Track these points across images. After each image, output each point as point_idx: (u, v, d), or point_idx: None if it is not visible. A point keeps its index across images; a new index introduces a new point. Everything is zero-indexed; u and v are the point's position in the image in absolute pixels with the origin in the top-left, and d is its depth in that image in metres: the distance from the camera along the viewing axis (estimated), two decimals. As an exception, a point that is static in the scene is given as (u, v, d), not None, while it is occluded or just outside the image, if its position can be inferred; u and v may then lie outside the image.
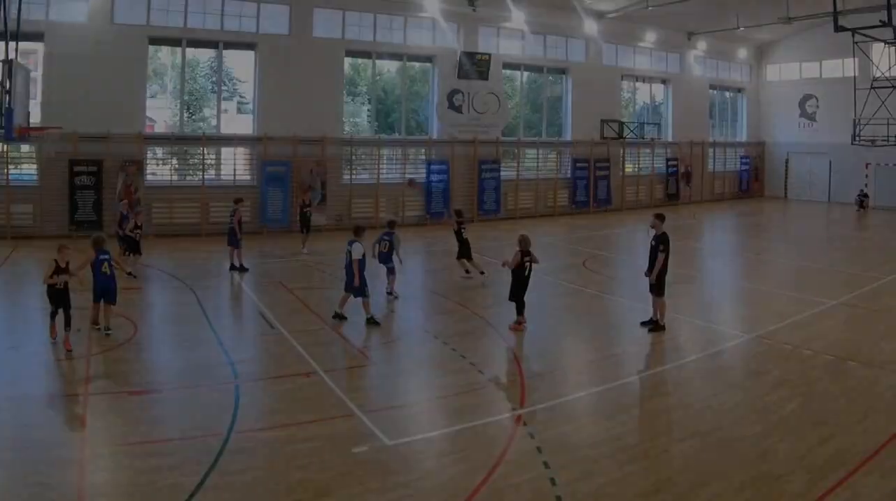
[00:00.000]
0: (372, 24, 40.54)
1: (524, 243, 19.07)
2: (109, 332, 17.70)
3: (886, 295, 23.98)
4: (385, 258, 22.51)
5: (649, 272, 18.94)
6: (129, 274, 23.79)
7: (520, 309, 19.27)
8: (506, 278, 19.96)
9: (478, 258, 26.15)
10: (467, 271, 25.53)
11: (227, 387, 14.47)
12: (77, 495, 10.13)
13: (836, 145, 53.39)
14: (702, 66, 56.40)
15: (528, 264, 19.05)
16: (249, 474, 10.83)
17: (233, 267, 26.35)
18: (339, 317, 19.65)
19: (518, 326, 19.15)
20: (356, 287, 19.28)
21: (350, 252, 19.29)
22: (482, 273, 25.01)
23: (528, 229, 26.52)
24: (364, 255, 19.49)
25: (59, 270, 16.54)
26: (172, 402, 14.01)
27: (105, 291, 17.78)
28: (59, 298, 16.65)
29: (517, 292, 19.19)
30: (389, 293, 22.49)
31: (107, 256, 17.94)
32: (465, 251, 25.75)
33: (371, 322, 19.36)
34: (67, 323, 16.68)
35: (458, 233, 26.09)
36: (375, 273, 22.20)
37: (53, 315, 16.72)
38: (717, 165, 57.61)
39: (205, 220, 35.00)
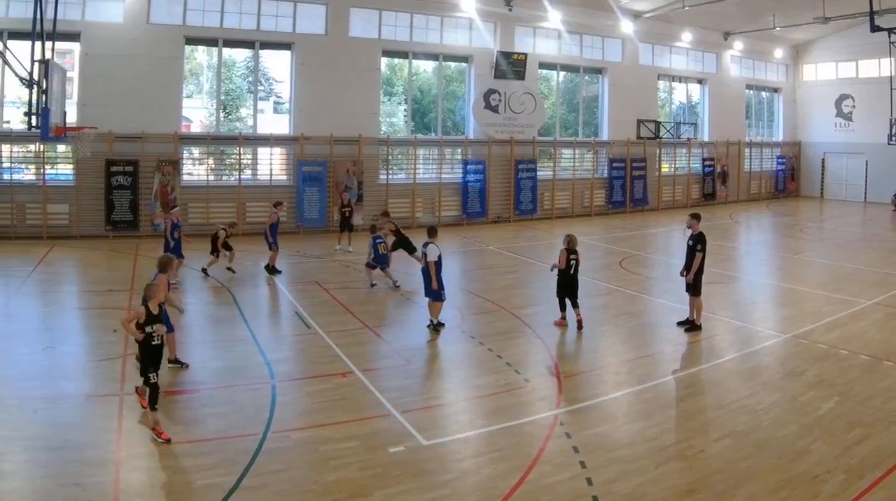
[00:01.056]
0: (408, 23, 39.60)
1: (570, 242, 19.04)
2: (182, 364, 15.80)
3: (923, 296, 23.38)
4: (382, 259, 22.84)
5: (686, 271, 18.70)
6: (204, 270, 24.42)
7: (563, 306, 19.16)
8: (545, 278, 20.42)
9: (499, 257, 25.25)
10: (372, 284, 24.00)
11: (263, 387, 14.27)
12: (113, 495, 10.00)
13: (873, 145, 51.88)
14: (738, 66, 54.82)
15: (573, 262, 18.93)
16: (286, 474, 10.72)
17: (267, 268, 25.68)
18: (437, 327, 18.74)
19: (562, 321, 19.14)
20: (433, 290, 18.58)
21: (425, 254, 18.70)
22: (396, 286, 23.78)
23: (564, 229, 27.47)
24: (440, 257, 18.84)
25: (151, 317, 12.16)
26: (209, 402, 13.67)
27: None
28: (155, 355, 12.23)
29: (561, 290, 19.06)
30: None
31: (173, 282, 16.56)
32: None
33: (436, 327, 18.70)
34: (156, 399, 12.18)
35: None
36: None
37: (149, 377, 12.00)
38: (753, 165, 56.00)
39: (241, 220, 33.81)
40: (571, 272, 18.93)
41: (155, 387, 11.96)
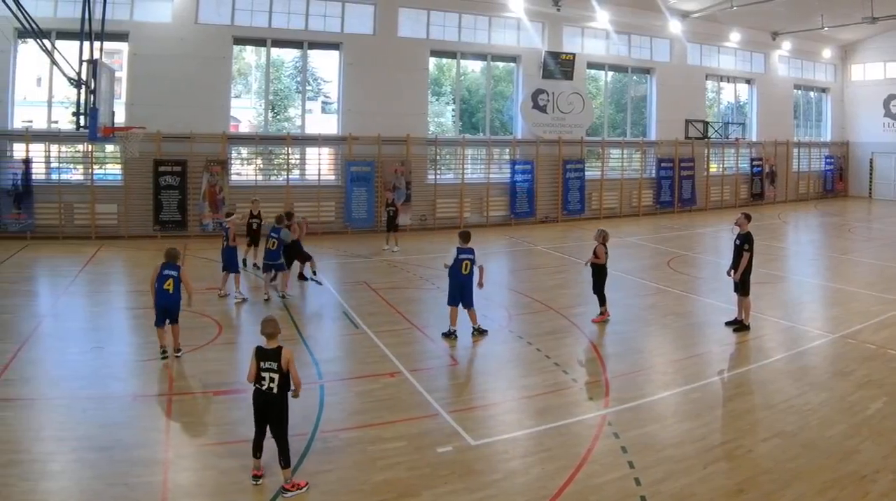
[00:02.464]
0: (457, 23, 38.33)
1: (604, 236, 19.07)
2: (179, 354, 15.48)
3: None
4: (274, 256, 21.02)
5: (734, 271, 18.11)
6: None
7: (602, 300, 19.03)
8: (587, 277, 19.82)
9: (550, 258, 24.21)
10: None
11: (311, 387, 13.43)
12: (161, 495, 9.76)
13: (922, 145, 49.92)
14: (786, 66, 52.74)
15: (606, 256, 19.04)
16: (334, 474, 10.47)
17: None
18: (480, 332, 17.72)
19: (601, 317, 18.96)
20: (472, 295, 17.63)
21: (473, 260, 17.50)
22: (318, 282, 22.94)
23: (612, 229, 24.98)
24: (454, 261, 17.73)
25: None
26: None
27: (162, 311, 15.13)
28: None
29: (600, 285, 18.97)
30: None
31: (174, 273, 15.15)
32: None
33: (482, 330, 17.78)
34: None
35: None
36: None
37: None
38: (801, 165, 53.98)
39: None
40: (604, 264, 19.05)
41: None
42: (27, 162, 29.84)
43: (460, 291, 17.46)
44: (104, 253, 28.01)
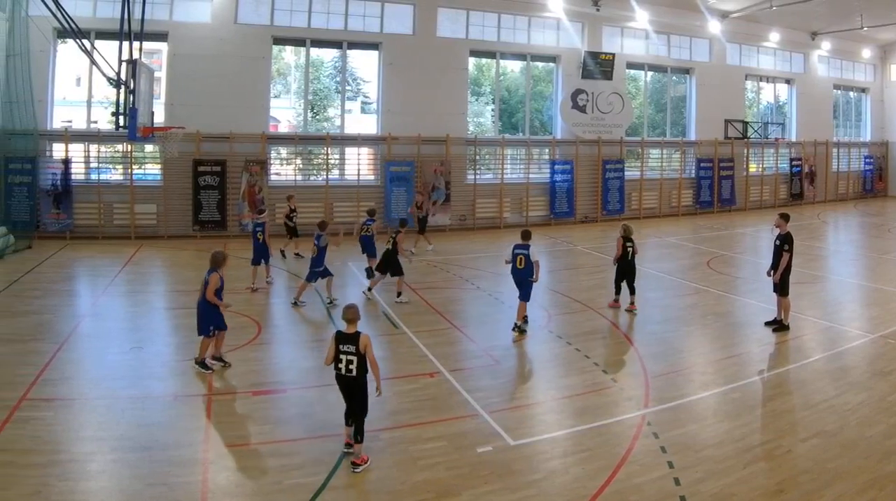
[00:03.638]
0: (496, 23, 37.08)
1: (626, 230, 19.55)
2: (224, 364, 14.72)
3: None
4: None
5: (773, 271, 17.72)
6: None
7: (618, 290, 19.70)
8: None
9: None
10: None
11: None
12: (200, 495, 9.55)
13: (962, 145, 47.84)
14: (826, 66, 50.86)
15: (629, 249, 19.36)
16: (374, 474, 10.28)
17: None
18: (521, 330, 17.52)
19: (631, 306, 19.35)
20: (529, 289, 17.56)
21: (527, 256, 17.34)
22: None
23: (651, 229, 29.74)
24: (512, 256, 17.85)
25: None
26: (296, 402, 13.07)
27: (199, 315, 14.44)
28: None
29: (619, 276, 19.57)
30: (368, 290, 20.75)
31: (206, 276, 14.41)
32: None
33: (522, 329, 17.52)
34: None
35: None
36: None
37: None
38: (840, 165, 52.10)
39: (329, 220, 31.44)
40: (629, 258, 19.37)
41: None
42: (66, 162, 29.20)
43: (518, 285, 17.55)
44: (143, 253, 27.46)
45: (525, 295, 17.40)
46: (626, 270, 19.45)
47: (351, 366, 10.48)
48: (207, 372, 14.02)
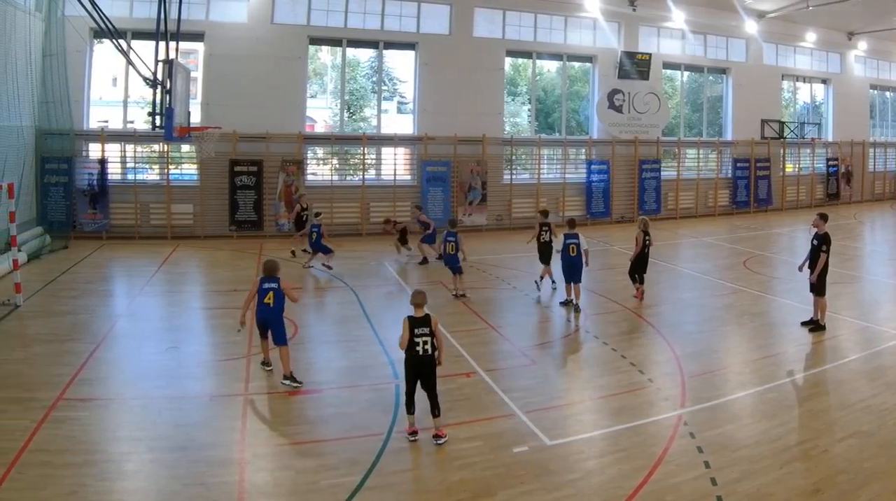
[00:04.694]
0: (532, 23, 35.86)
1: (646, 224, 19.83)
2: (270, 368, 14.07)
3: None
4: (451, 259, 20.49)
5: (810, 270, 17.21)
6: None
7: (642, 279, 19.92)
8: (668, 277, 21.64)
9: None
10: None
11: (387, 387, 13.31)
12: (237, 495, 9.36)
13: None
14: (862, 66, 48.95)
15: (648, 242, 19.70)
16: (410, 474, 10.18)
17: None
18: (577, 309, 18.85)
19: (638, 294, 19.88)
20: (581, 273, 18.93)
21: (578, 244, 18.71)
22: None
23: (688, 229, 29.26)
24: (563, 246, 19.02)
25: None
26: (333, 402, 12.71)
27: (261, 323, 13.58)
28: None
29: (633, 268, 19.90)
30: (462, 295, 20.33)
31: (274, 285, 13.45)
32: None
33: (577, 308, 18.80)
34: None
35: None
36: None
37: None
38: (877, 165, 50.20)
39: (365, 220, 31.43)
40: (645, 251, 19.61)
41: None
42: (103, 162, 28.52)
43: (569, 270, 18.73)
44: (180, 253, 26.85)
45: (578, 278, 18.74)
46: (643, 262, 19.74)
47: (427, 346, 10.95)
48: (298, 386, 13.19)
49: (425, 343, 10.97)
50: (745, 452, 10.62)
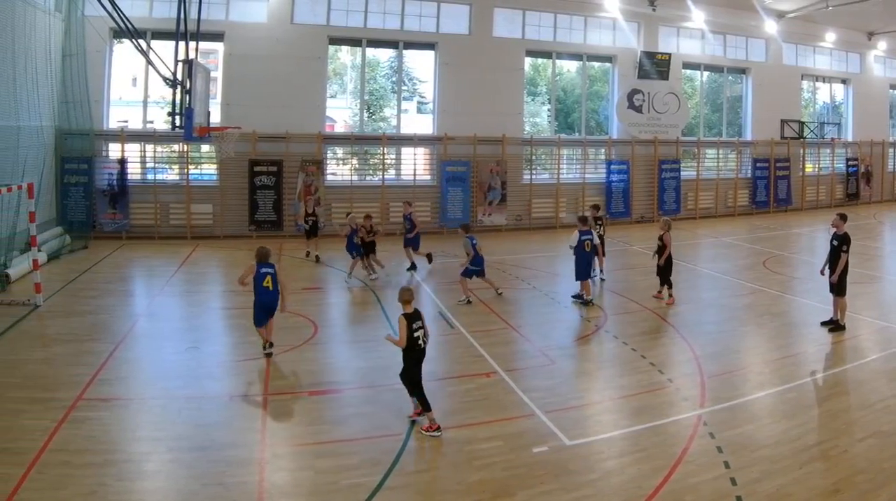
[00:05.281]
0: (552, 23, 35.09)
1: (670, 225, 19.63)
2: (270, 352, 14.71)
3: None
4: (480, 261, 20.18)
5: (831, 272, 16.93)
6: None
7: (669, 283, 19.45)
8: (689, 277, 21.47)
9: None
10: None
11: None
12: (257, 495, 9.25)
13: None
14: (882, 66, 47.80)
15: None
16: (429, 474, 10.10)
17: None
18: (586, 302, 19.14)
19: (659, 295, 19.64)
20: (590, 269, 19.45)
21: (592, 240, 19.24)
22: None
23: (708, 229, 28.67)
24: (579, 242, 19.09)
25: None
26: (353, 402, 12.55)
27: (266, 310, 14.41)
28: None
29: (668, 270, 19.38)
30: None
31: (271, 270, 14.38)
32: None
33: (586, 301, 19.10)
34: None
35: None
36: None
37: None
38: (897, 165, 49.41)
39: (385, 220, 30.59)
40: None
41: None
42: (122, 162, 28.13)
43: (586, 266, 18.97)
44: (200, 253, 26.46)
45: (589, 274, 19.28)
46: (670, 264, 19.46)
47: (425, 338, 11.22)
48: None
49: (425, 335, 11.24)
50: (764, 452, 10.49)
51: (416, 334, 11.05)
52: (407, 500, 9.31)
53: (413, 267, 23.56)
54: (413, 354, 11.10)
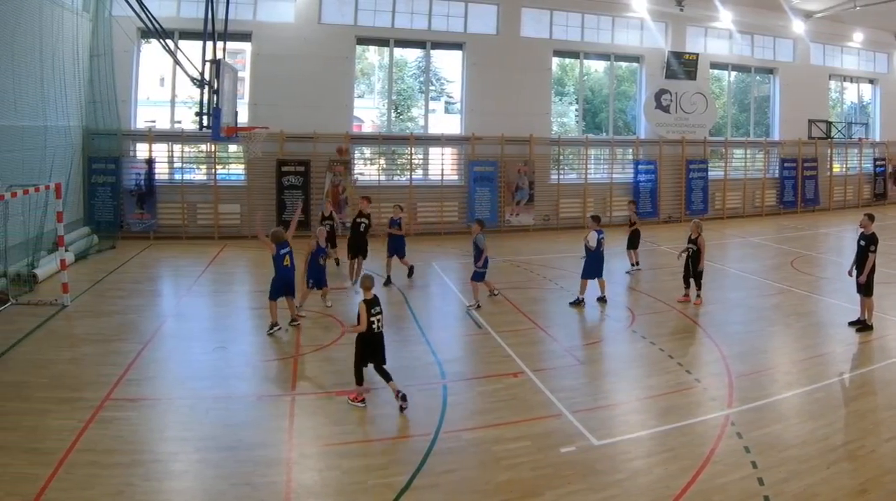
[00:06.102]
0: (580, 23, 34.05)
1: (701, 228, 19.25)
2: (296, 323, 16.15)
3: None
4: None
5: (858, 272, 16.68)
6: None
7: (699, 285, 19.04)
8: (717, 277, 21.16)
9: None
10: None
11: (434, 387, 12.96)
12: (284, 495, 9.10)
13: None
14: (910, 66, 46.75)
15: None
16: (457, 474, 9.77)
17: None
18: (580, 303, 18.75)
19: (685, 299, 19.11)
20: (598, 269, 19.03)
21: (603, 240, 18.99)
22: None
23: (735, 229, 28.01)
24: (599, 241, 18.88)
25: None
26: (379, 402, 12.20)
27: (285, 284, 15.70)
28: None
29: (701, 272, 19.04)
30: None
31: (287, 249, 15.67)
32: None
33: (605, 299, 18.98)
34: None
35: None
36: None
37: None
38: (925, 165, 47.72)
39: (412, 220, 29.61)
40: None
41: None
42: (150, 162, 27.43)
43: (602, 265, 18.94)
44: (227, 253, 25.76)
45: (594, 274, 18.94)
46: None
47: (381, 323, 11.78)
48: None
49: (379, 321, 11.74)
50: (792, 452, 10.34)
51: (372, 319, 11.57)
52: (434, 500, 9.12)
53: (389, 281, 20.99)
54: (367, 337, 11.63)
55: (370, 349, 11.77)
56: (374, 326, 11.66)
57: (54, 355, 14.13)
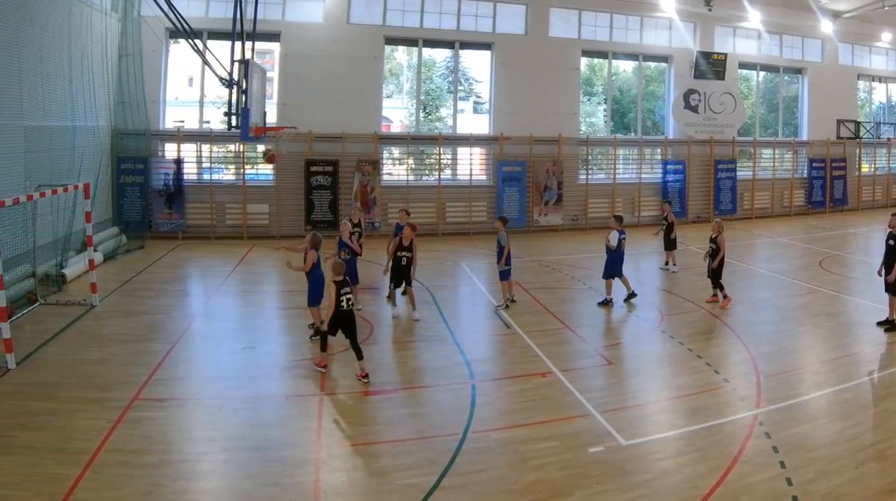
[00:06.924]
0: (608, 23, 33.08)
1: (722, 227, 18.76)
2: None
3: None
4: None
5: (887, 272, 16.09)
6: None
7: (715, 284, 18.58)
8: (744, 278, 21.00)
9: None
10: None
11: (463, 387, 12.70)
12: (313, 495, 8.86)
13: None
14: (937, 66, 45.25)
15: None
16: (486, 474, 9.49)
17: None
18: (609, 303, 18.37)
19: (713, 299, 18.57)
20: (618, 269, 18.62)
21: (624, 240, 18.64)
22: None
23: (764, 229, 27.30)
24: (619, 242, 18.53)
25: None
26: (409, 402, 12.14)
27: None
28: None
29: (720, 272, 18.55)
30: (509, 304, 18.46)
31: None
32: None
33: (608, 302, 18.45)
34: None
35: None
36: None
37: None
38: (953, 165, 46.29)
39: (440, 220, 29.11)
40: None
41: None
42: (179, 162, 26.90)
43: (622, 264, 18.53)
44: (256, 253, 25.23)
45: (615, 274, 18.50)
46: (721, 265, 18.61)
47: (351, 303, 12.48)
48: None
49: (348, 300, 12.37)
50: (820, 452, 10.14)
51: (342, 299, 12.26)
52: (462, 500, 8.94)
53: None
54: (337, 315, 12.29)
55: (342, 325, 12.42)
56: (343, 305, 12.28)
57: (83, 355, 13.88)
